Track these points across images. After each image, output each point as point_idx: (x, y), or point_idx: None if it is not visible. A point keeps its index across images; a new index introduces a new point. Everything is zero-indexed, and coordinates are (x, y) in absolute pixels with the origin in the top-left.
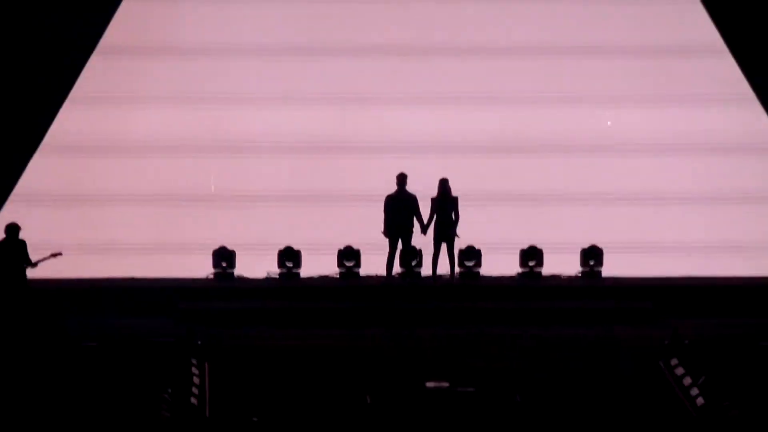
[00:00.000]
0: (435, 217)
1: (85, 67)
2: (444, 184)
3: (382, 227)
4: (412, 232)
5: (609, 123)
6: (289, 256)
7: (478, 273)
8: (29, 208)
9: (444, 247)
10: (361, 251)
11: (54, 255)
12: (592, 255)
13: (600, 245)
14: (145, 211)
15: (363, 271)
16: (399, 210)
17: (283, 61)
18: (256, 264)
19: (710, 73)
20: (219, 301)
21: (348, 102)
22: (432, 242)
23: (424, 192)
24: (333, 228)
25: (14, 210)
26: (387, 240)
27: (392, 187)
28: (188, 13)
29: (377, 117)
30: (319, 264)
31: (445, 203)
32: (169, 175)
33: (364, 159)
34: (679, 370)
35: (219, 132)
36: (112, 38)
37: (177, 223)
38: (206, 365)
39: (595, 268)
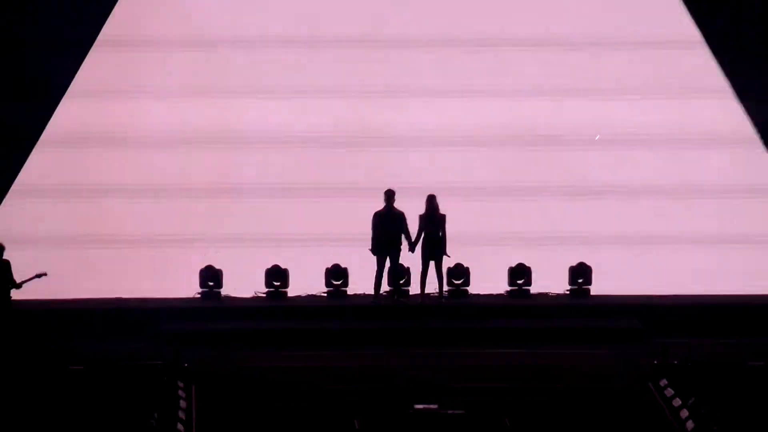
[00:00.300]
0: (423, 234)
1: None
2: (431, 200)
3: (370, 244)
4: (400, 249)
5: (597, 137)
6: (277, 276)
7: (467, 291)
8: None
9: (432, 264)
10: (349, 269)
11: (39, 275)
12: (580, 273)
13: (589, 263)
14: (134, 229)
15: (351, 289)
16: (387, 227)
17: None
18: (244, 283)
19: (690, 71)
20: (205, 322)
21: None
22: (420, 260)
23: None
24: (322, 245)
25: None
26: (375, 257)
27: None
28: (188, 4)
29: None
30: (306, 282)
31: (433, 220)
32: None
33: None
34: (669, 391)
35: (205, 170)
36: (112, 30)
37: (164, 242)
38: (193, 388)
39: (584, 286)
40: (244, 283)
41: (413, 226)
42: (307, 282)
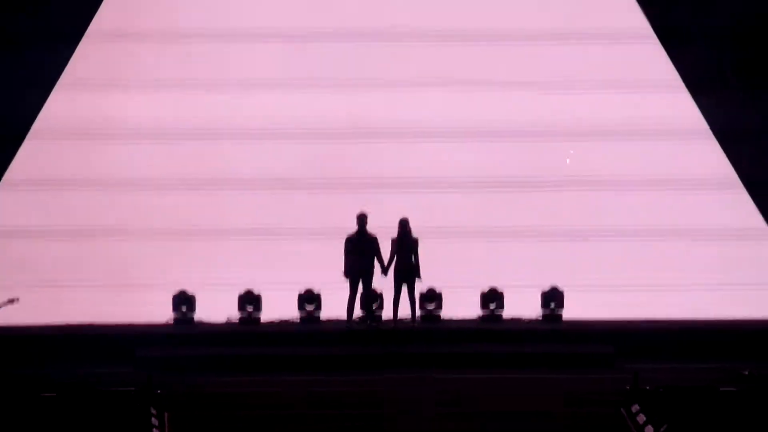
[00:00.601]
0: (395, 258)
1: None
2: (404, 225)
3: (342, 268)
4: (372, 273)
5: (571, 153)
6: (250, 300)
7: (439, 316)
8: None
9: (405, 289)
10: (322, 293)
11: (10, 301)
12: (552, 297)
13: (561, 287)
14: (106, 253)
15: (324, 314)
16: (359, 251)
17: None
18: (217, 307)
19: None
20: (179, 347)
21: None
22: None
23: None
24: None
25: None
26: (348, 281)
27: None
28: None
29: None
30: (280, 305)
31: (406, 244)
32: (128, 214)
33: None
34: (641, 417)
35: (183, 168)
36: (102, 23)
37: (136, 265)
38: (166, 415)
39: (556, 311)
40: (217, 308)
41: (386, 250)
42: (280, 307)
